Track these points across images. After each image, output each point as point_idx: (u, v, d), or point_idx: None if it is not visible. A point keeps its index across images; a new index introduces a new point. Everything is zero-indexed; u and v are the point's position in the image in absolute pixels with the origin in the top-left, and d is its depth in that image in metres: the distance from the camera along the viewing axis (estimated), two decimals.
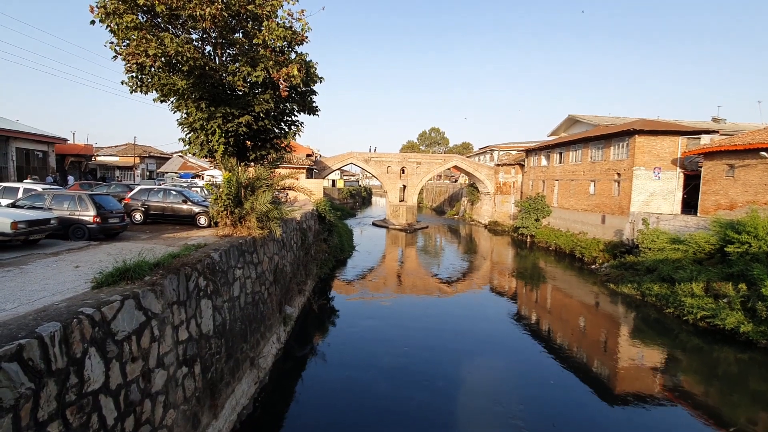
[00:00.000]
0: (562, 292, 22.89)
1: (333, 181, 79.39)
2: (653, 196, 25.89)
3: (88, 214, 11.03)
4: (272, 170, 13.11)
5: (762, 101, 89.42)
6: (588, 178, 30.91)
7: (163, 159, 54.56)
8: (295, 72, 11.38)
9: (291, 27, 11.99)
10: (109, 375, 5.17)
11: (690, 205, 25.21)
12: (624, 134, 26.73)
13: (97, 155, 48.86)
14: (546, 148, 38.04)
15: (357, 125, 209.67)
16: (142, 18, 10.77)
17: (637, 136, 25.72)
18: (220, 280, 8.95)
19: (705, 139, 24.26)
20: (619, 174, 27.34)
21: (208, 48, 12.33)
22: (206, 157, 13.64)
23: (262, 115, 12.66)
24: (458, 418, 9.94)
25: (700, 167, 23.60)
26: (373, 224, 48.96)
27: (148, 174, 50.27)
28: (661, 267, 19.15)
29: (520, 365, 13.15)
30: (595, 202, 29.75)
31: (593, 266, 26.17)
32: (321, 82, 13.65)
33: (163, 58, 10.43)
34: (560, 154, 35.65)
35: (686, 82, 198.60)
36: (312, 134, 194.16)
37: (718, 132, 26.56)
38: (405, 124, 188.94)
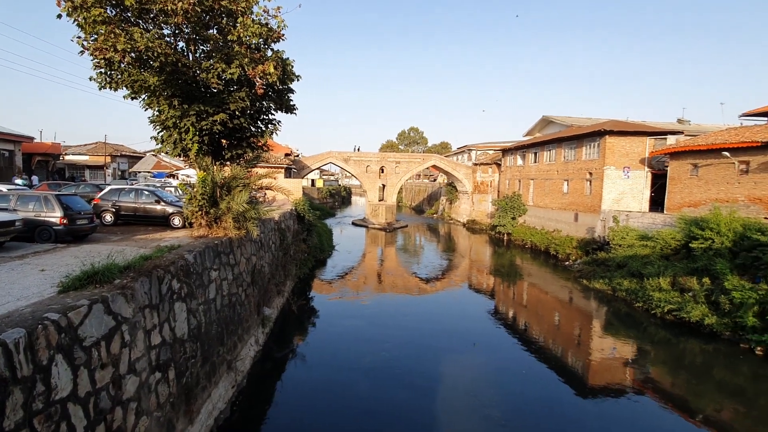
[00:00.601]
0: (538, 288, 23.44)
1: (312, 180, 78.80)
2: (623, 194, 26.83)
3: (55, 216, 10.59)
4: (249, 169, 12.90)
5: (724, 103, 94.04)
6: (562, 177, 31.75)
7: (135, 158, 52.85)
8: (272, 69, 11.23)
9: (267, 24, 11.82)
10: (77, 382, 4.98)
11: (657, 203, 26.24)
12: (595, 134, 27.60)
13: (66, 154, 46.89)
14: (521, 148, 38.85)
15: (337, 125, 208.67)
16: (111, 12, 10.39)
17: (607, 136, 26.60)
18: (195, 282, 8.74)
19: (671, 140, 25.34)
20: (591, 173, 28.20)
21: (181, 44, 12.03)
22: (180, 156, 13.31)
23: (237, 113, 12.45)
24: (438, 416, 10.04)
25: (667, 167, 24.61)
26: (353, 224, 48.88)
27: (120, 174, 48.62)
28: (630, 263, 19.86)
29: (498, 361, 13.40)
30: (569, 200, 30.59)
31: (567, 263, 26.90)
32: (298, 80, 13.53)
33: (132, 54, 10.10)
34: (535, 153, 36.47)
35: (653, 84, 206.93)
36: (291, 133, 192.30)
37: (683, 133, 27.79)
38: (385, 124, 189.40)
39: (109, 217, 14.35)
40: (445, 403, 10.55)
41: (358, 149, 55.78)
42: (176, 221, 14.06)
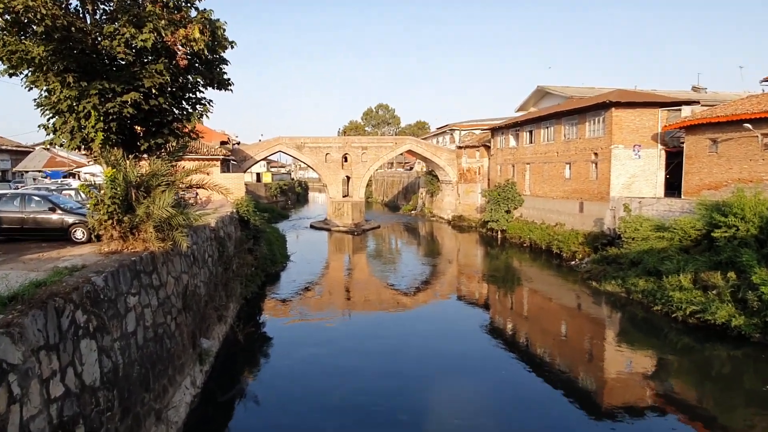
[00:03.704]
0: (540, 294, 24.05)
1: (257, 174, 77.77)
2: (634, 177, 27.95)
3: None
4: (174, 163, 12.60)
5: (744, 66, 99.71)
6: (563, 159, 32.72)
7: (20, 153, 50.27)
8: (197, 34, 10.99)
9: None
10: None
11: (673, 186, 27.49)
12: (600, 107, 28.59)
13: None
14: (514, 126, 39.75)
15: (287, 106, 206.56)
16: None
17: (614, 108, 27.62)
18: (108, 312, 8.39)
19: (686, 111, 26.57)
20: (596, 154, 29.21)
21: (75, 2, 11.54)
22: (81, 150, 12.82)
23: (154, 91, 12.12)
24: None
25: (682, 143, 25.82)
26: (312, 227, 48.66)
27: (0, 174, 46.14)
28: (646, 259, 20.69)
29: (497, 384, 13.64)
30: (572, 187, 31.58)
31: (573, 262, 27.76)
32: (232, 47, 13.33)
33: (7, 16, 9.56)
34: (530, 132, 37.41)
35: (663, 47, 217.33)
36: (228, 118, 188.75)
37: (699, 102, 29.20)
38: (345, 103, 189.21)
39: None
40: None
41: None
42: (79, 234, 13.54)
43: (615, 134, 27.71)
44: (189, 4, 12.24)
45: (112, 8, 11.71)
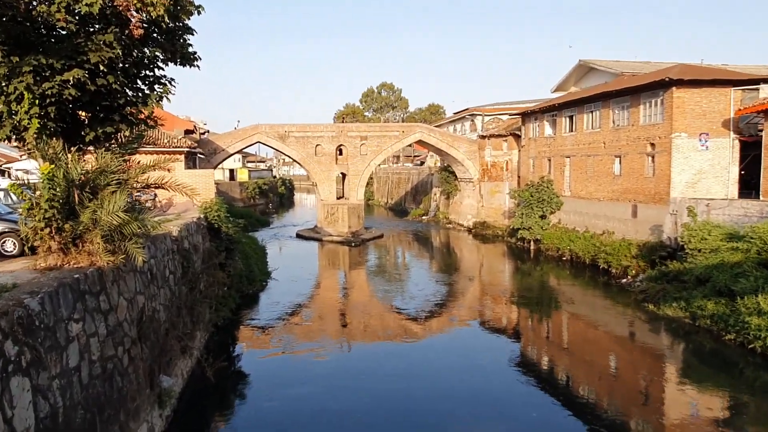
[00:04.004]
0: (583, 320, 23.93)
1: (231, 171, 78.27)
2: (701, 174, 27.86)
3: None
4: (126, 157, 12.65)
5: None
6: (611, 152, 32.70)
7: None
8: None
9: None
10: None
11: (750, 184, 27.39)
12: (657, 86, 28.55)
13: None
14: (550, 110, 39.79)
15: (268, 87, 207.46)
16: None
17: (675, 88, 27.58)
18: (45, 342, 8.42)
19: (765, 91, 26.48)
20: (652, 144, 29.17)
21: None
22: (9, 140, 12.87)
23: (102, 68, 12.18)
24: None
25: (761, 131, 25.73)
26: (299, 236, 48.80)
27: None
28: (715, 275, 20.60)
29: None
30: (623, 186, 31.54)
31: (624, 280, 27.67)
32: (200, 13, 13.42)
33: None
34: (570, 117, 37.46)
35: (738, 15, 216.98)
36: (196, 102, 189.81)
37: None
38: (340, 88, 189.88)
39: None
40: None
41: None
42: (9, 245, 13.57)
43: (677, 120, 27.66)
44: None
45: None
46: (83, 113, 13.70)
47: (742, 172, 28.10)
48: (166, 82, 14.69)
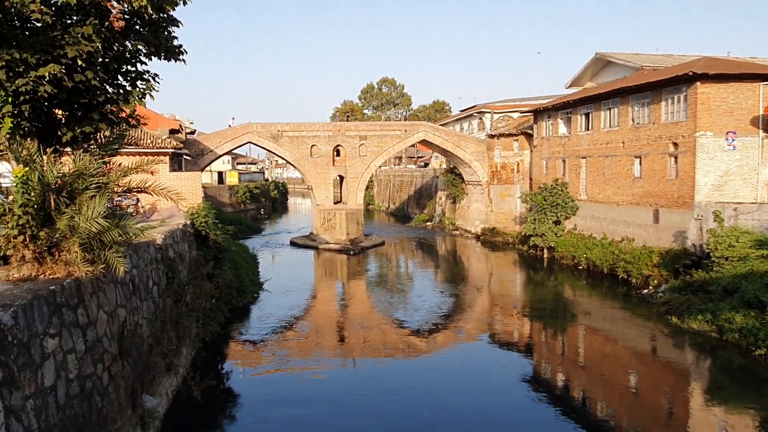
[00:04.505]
0: (601, 334, 23.87)
1: (220, 174, 78.40)
2: (727, 175, 27.86)
3: None
4: (107, 159, 12.66)
5: None
6: (630, 152, 32.72)
7: None
8: None
9: None
10: None
11: None
12: (680, 81, 28.57)
13: None
14: (564, 107, 39.86)
15: (261, 85, 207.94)
16: None
17: (699, 83, 27.57)
18: (18, 360, 8.40)
19: None
20: (675, 144, 29.18)
21: None
22: None
23: (80, 62, 12.16)
24: None
25: None
26: (293, 243, 48.85)
27: None
28: (744, 285, 20.57)
29: None
30: (643, 189, 31.54)
31: (645, 291, 27.63)
32: (185, 3, 13.42)
33: None
34: (586, 115, 37.50)
35: (761, 4, 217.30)
36: (183, 101, 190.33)
37: None
38: (338, 81, 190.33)
39: None
40: None
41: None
42: None
43: (701, 117, 27.66)
44: None
45: None
46: (60, 112, 13.68)
47: None
48: (150, 77, 14.62)
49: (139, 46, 13.95)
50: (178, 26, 14.29)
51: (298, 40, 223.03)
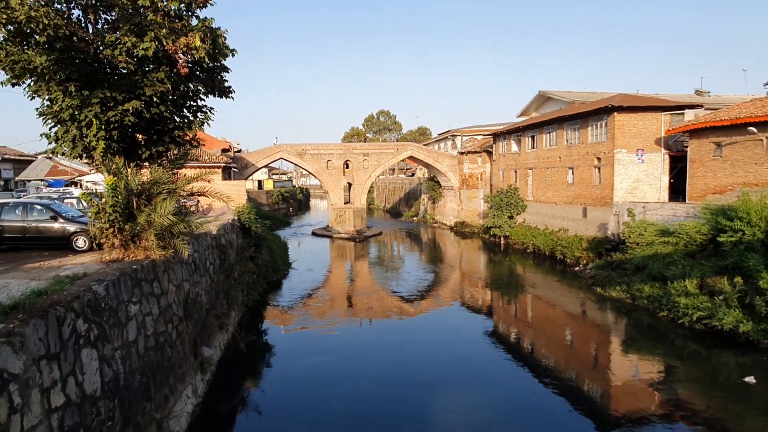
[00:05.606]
0: (544, 301, 23.96)
1: (259, 182, 77.99)
2: (638, 182, 27.91)
3: None
4: (175, 171, 12.67)
5: (747, 70, 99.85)
6: (565, 164, 32.71)
7: (23, 162, 50.63)
8: (198, 43, 11.05)
9: None
10: None
11: (677, 190, 27.43)
12: (602, 112, 28.62)
13: None
14: (516, 131, 39.78)
15: (288, 113, 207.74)
16: None
17: (616, 113, 27.63)
18: (109, 321, 8.41)
19: (689, 115, 26.57)
20: (599, 158, 29.19)
21: (77, 12, 11.63)
22: (81, 158, 12.86)
23: (155, 99, 12.18)
24: None
25: (686, 147, 25.79)
26: (313, 234, 48.67)
27: (2, 184, 46.46)
28: (650, 264, 20.63)
29: (502, 393, 13.58)
30: (575, 192, 31.55)
31: (577, 268, 27.67)
32: (233, 55, 13.39)
33: (10, 26, 9.65)
34: (532, 137, 37.44)
35: (665, 51, 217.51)
36: (229, 124, 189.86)
37: (702, 106, 29.16)
38: (346, 111, 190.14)
39: None
40: None
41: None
42: (80, 242, 13.57)
43: (618, 139, 27.71)
44: (190, 13, 12.31)
45: (113, 18, 11.78)
46: (140, 136, 13.70)
47: (672, 181, 28.15)
48: (207, 110, 14.67)
49: (199, 87, 13.97)
50: (228, 72, 14.29)
51: (318, 79, 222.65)
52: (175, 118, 14.03)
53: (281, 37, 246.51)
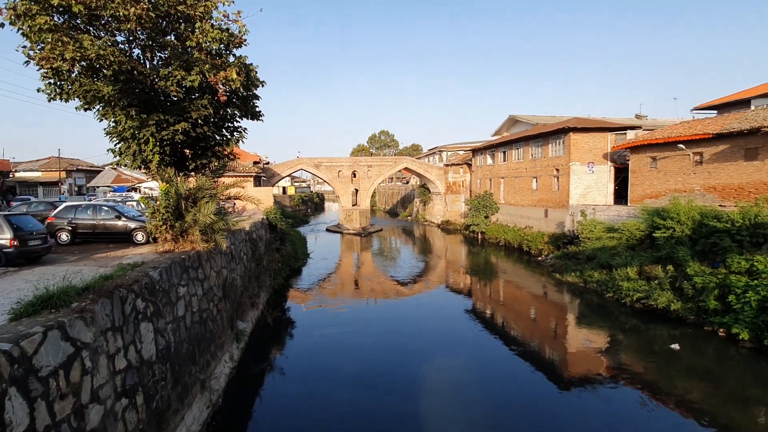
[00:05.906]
0: (513, 284, 23.97)
1: (283, 188, 77.93)
2: (589, 189, 27.89)
3: (4, 238, 9.96)
4: (215, 179, 12.65)
5: (677, 98, 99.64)
6: (530, 174, 32.66)
7: (93, 172, 50.68)
8: (234, 76, 11.03)
9: (227, 29, 11.59)
10: (34, 416, 4.66)
11: (621, 195, 27.41)
12: (560, 132, 28.58)
13: (16, 171, 44.36)
14: (491, 148, 39.72)
15: (307, 131, 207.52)
16: (58, 19, 9.89)
17: (571, 133, 27.61)
18: (162, 300, 8.42)
19: (630, 135, 26.54)
20: (557, 170, 29.16)
21: (137, 51, 11.60)
22: (140, 168, 12.85)
23: (200, 121, 12.15)
24: (423, 419, 10.04)
25: (628, 160, 25.78)
26: (327, 230, 48.55)
27: (77, 189, 46.45)
28: (599, 255, 20.62)
29: (478, 359, 13.56)
30: (538, 197, 31.50)
31: (540, 258, 27.63)
32: (263, 85, 13.35)
33: (83, 62, 9.65)
34: (504, 152, 37.39)
35: (612, 81, 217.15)
36: (259, 141, 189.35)
37: (641, 127, 29.16)
38: (354, 129, 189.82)
39: (65, 236, 13.69)
40: (429, 406, 10.57)
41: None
42: (139, 237, 13.60)
43: (573, 154, 27.69)
44: (228, 52, 12.28)
45: (166, 55, 11.76)
46: (187, 151, 13.71)
47: (616, 188, 28.12)
48: (241, 130, 14.55)
49: (235, 112, 13.91)
50: (259, 99, 14.25)
51: (329, 103, 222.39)
52: (216, 136, 13.99)
53: (300, 66, 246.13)
